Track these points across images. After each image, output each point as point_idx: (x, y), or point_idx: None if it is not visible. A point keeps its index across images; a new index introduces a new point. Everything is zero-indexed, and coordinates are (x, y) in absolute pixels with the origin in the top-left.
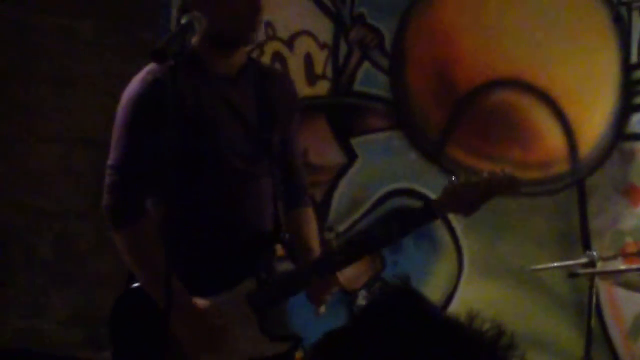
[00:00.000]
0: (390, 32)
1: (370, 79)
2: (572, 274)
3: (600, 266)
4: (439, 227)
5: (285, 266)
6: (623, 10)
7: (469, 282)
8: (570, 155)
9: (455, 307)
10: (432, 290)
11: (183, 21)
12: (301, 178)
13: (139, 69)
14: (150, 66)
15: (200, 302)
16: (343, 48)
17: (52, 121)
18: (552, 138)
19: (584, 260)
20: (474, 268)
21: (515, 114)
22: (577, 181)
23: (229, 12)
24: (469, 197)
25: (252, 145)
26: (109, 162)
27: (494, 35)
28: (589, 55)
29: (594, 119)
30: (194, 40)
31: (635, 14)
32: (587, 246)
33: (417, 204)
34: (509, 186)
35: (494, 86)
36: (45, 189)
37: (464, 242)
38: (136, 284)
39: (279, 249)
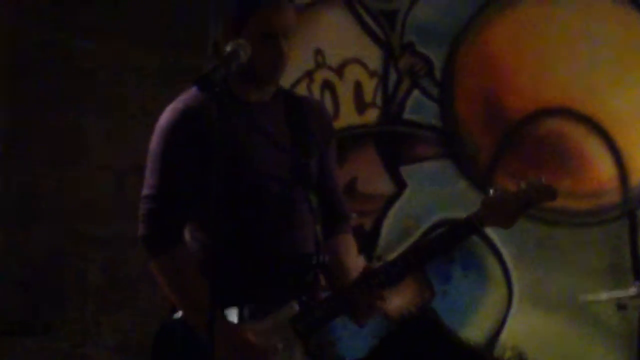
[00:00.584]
0: (440, 60)
1: (420, 107)
2: (621, 305)
3: None
4: (488, 256)
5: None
6: None
7: (518, 313)
8: (621, 185)
9: (505, 338)
10: (481, 320)
11: (228, 49)
12: (341, 204)
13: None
14: (182, 95)
15: (244, 328)
16: (393, 76)
17: (103, 147)
18: (603, 168)
19: (633, 291)
20: (524, 299)
21: (565, 143)
22: (628, 212)
23: (255, 54)
24: (507, 209)
25: (288, 170)
26: (144, 192)
27: (544, 63)
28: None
29: None
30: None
31: None
32: (638, 277)
33: None
34: (546, 195)
35: (543, 115)
36: (97, 216)
37: (513, 273)
38: (178, 315)
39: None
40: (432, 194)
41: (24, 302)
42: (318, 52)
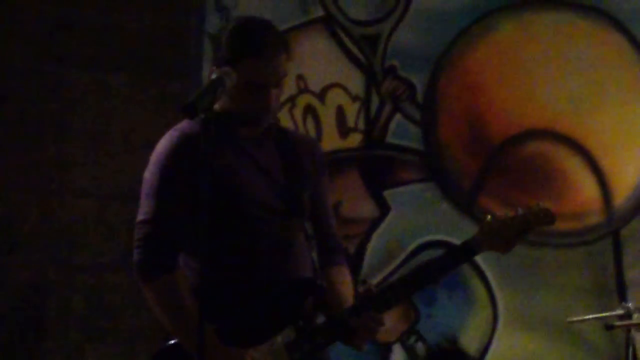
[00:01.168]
0: (422, 83)
1: (403, 131)
2: (608, 326)
3: (636, 318)
4: (472, 278)
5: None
6: None
7: (504, 334)
8: (604, 205)
9: (490, 359)
10: (467, 342)
11: (213, 76)
12: (335, 237)
13: (170, 122)
14: (179, 124)
15: (238, 353)
16: (375, 100)
17: (85, 176)
18: (586, 188)
19: (620, 312)
20: (509, 320)
21: (548, 164)
22: (611, 232)
23: (242, 99)
24: (505, 234)
25: (281, 201)
26: (139, 217)
27: (527, 86)
28: (622, 106)
29: (627, 169)
30: (218, 104)
31: None
32: (622, 297)
33: None
34: (544, 220)
35: (526, 137)
36: (80, 244)
37: (498, 294)
38: (172, 341)
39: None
40: (415, 217)
41: (7, 331)
42: (300, 77)
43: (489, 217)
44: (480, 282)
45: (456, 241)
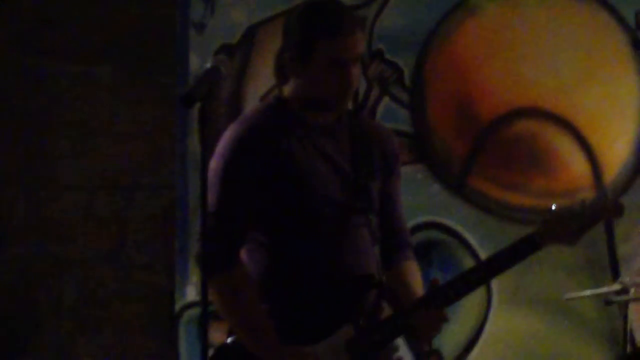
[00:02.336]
0: (409, 66)
1: (391, 114)
2: (607, 302)
3: (633, 293)
4: (465, 258)
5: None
6: None
7: (498, 312)
8: (594, 182)
9: (485, 339)
10: (461, 321)
11: (208, 65)
12: (404, 232)
13: (155, 112)
14: (248, 113)
15: (299, 351)
16: (362, 84)
17: (73, 168)
18: (576, 165)
19: (617, 287)
20: (503, 299)
21: (537, 142)
22: None
23: (321, 81)
24: (571, 226)
25: (348, 194)
26: (208, 208)
27: (514, 65)
28: (610, 82)
29: (617, 145)
30: (287, 91)
31: None
32: (615, 273)
33: (442, 237)
34: (612, 210)
35: (515, 116)
36: (69, 236)
37: None
38: (230, 339)
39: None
40: (406, 199)
41: None
42: None
43: (553, 207)
44: (473, 262)
45: (447, 222)
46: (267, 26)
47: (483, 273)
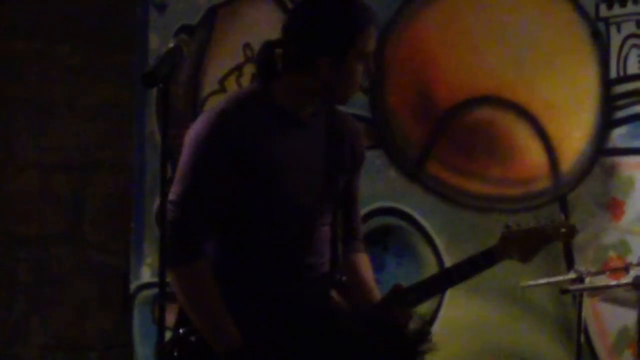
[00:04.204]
0: None
1: (350, 99)
2: (563, 290)
3: (589, 282)
4: (421, 245)
5: None
6: (601, 26)
7: (452, 299)
8: (551, 171)
9: (439, 326)
10: (415, 309)
11: (170, 45)
12: (358, 226)
13: (114, 91)
14: (224, 103)
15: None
16: None
17: (30, 146)
18: (533, 154)
19: (572, 276)
20: (458, 286)
21: (495, 130)
22: (558, 197)
23: (347, 74)
24: (526, 244)
25: (315, 190)
26: (171, 197)
27: (473, 53)
28: (569, 71)
29: (574, 135)
30: (276, 84)
31: (613, 29)
32: (570, 262)
33: (398, 222)
34: (566, 233)
35: (473, 103)
36: (25, 214)
37: (446, 260)
38: (183, 330)
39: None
40: (363, 184)
41: None
42: (247, 46)
43: (510, 225)
44: (428, 248)
45: (403, 207)
46: (227, 7)
47: (443, 282)
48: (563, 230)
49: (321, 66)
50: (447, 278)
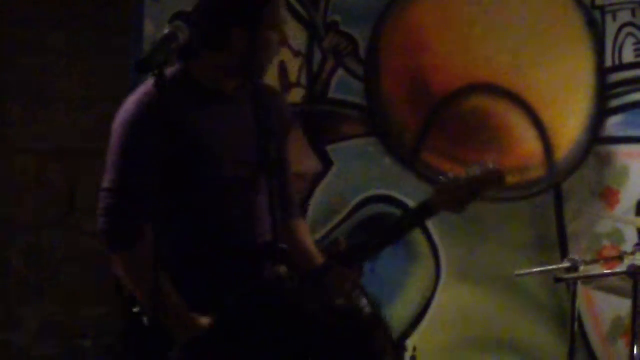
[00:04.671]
0: (365, 39)
1: (345, 86)
2: (557, 279)
3: (583, 270)
4: (415, 233)
5: None
6: (597, 14)
7: (447, 288)
8: (546, 159)
9: (433, 313)
10: (410, 296)
11: (166, 31)
12: (293, 191)
13: (109, 79)
14: (145, 87)
15: (203, 319)
16: (317, 56)
17: (24, 133)
18: (528, 143)
19: (566, 264)
20: (452, 274)
21: (490, 119)
22: (553, 185)
23: (261, 46)
24: (458, 195)
25: (249, 161)
26: (104, 184)
27: (469, 41)
28: (564, 60)
29: (569, 123)
30: (195, 63)
31: (608, 17)
32: (564, 250)
33: (394, 210)
34: (497, 181)
35: (469, 91)
36: (18, 201)
37: (441, 248)
38: (137, 309)
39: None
40: (358, 172)
41: None
42: None
43: (443, 178)
44: (422, 236)
45: (399, 196)
46: None
47: (381, 240)
48: (493, 177)
49: (234, 40)
50: (387, 234)
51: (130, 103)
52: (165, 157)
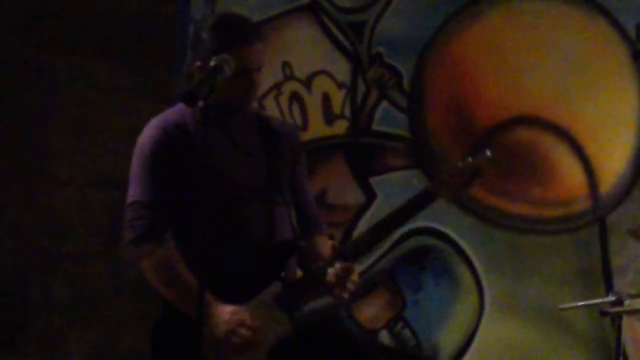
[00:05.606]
0: (409, 71)
1: (389, 118)
2: (603, 312)
3: (628, 304)
4: (459, 265)
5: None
6: None
7: (490, 321)
8: (590, 192)
9: (477, 347)
10: (453, 329)
11: (212, 63)
12: (315, 216)
13: (152, 109)
14: (161, 115)
15: (232, 308)
16: (361, 87)
17: (67, 163)
18: (573, 175)
19: (612, 298)
20: (496, 307)
21: (535, 151)
22: (598, 219)
23: (229, 86)
24: (456, 182)
25: (263, 179)
26: (130, 200)
27: (513, 73)
28: (609, 93)
29: (614, 156)
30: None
31: None
32: (609, 284)
33: (436, 242)
34: (489, 164)
35: (513, 124)
36: (62, 231)
37: (484, 281)
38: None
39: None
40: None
41: None
42: (286, 64)
43: (441, 167)
44: (466, 269)
45: (442, 228)
46: (266, 25)
47: (386, 227)
48: (485, 161)
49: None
50: (391, 223)
51: (148, 128)
52: (181, 173)
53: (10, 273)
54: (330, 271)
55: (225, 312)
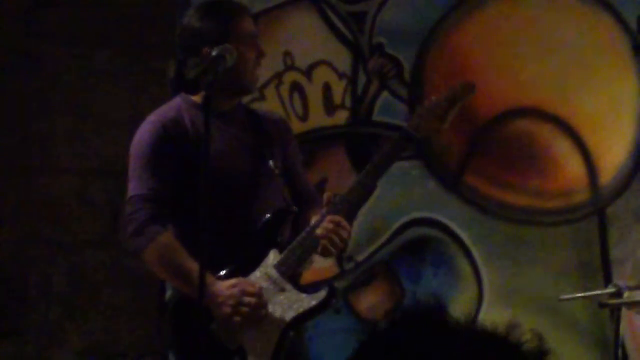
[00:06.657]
0: (409, 61)
1: (389, 109)
2: (602, 304)
3: (627, 296)
4: (458, 256)
5: None
6: None
7: (489, 312)
8: (590, 184)
9: None
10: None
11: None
12: (311, 190)
13: (153, 98)
14: (158, 110)
15: (229, 282)
16: (362, 78)
17: (67, 152)
18: (572, 167)
19: (611, 290)
20: (494, 297)
21: (534, 142)
22: (597, 210)
23: (242, 60)
24: (436, 113)
25: (254, 165)
26: (130, 193)
27: (514, 64)
28: (609, 84)
29: (614, 148)
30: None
31: None
32: (608, 275)
33: (435, 233)
34: (465, 90)
35: (513, 115)
36: (61, 220)
37: (483, 272)
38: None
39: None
40: (401, 195)
41: None
42: (287, 54)
43: (420, 105)
44: (465, 260)
45: (441, 218)
46: (267, 15)
47: (374, 174)
48: (463, 88)
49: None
50: (378, 169)
51: (148, 122)
52: (177, 165)
53: (9, 262)
54: (322, 225)
55: (225, 288)
